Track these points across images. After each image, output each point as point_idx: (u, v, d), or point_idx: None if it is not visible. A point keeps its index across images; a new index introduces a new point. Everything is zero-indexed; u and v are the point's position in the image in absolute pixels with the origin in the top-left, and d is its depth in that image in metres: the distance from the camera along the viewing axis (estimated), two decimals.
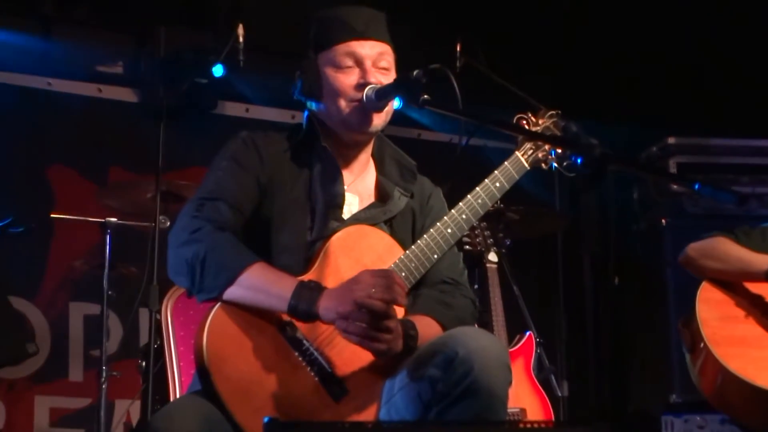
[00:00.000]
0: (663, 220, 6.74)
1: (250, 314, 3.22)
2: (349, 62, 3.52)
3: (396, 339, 3.21)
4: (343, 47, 3.52)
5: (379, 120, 3.53)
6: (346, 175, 3.58)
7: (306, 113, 3.64)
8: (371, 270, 3.24)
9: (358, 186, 3.62)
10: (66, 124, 7.16)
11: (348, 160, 3.61)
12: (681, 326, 4.72)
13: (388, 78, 3.52)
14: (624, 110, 7.45)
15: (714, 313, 4.47)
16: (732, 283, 4.57)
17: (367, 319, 3.14)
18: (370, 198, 3.63)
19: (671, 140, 6.88)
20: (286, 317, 3.23)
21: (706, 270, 4.58)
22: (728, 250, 4.56)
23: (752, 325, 4.45)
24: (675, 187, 6.75)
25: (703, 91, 7.44)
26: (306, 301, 3.17)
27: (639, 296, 6.89)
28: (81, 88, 7.38)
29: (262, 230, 3.44)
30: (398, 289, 3.19)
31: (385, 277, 3.19)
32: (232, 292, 3.21)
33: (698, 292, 4.54)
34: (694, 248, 4.66)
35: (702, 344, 4.38)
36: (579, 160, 3.24)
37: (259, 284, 3.21)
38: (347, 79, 3.51)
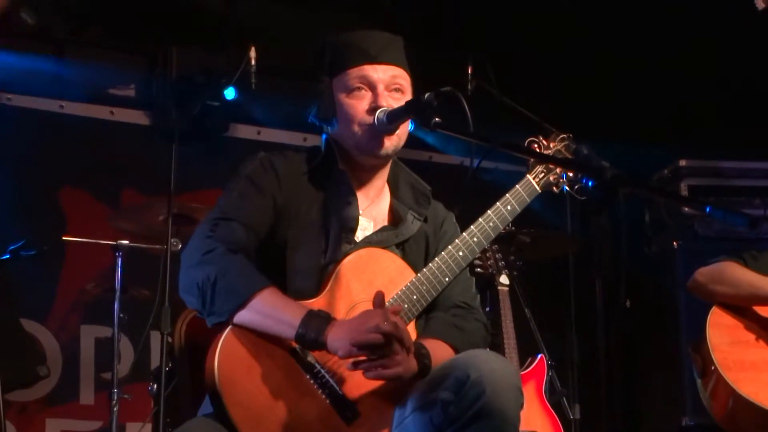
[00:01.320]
0: (674, 243, 6.72)
1: (261, 338, 3.21)
2: (362, 86, 3.52)
3: (410, 358, 3.21)
4: (355, 71, 3.53)
5: (391, 143, 3.52)
6: (362, 199, 3.58)
7: (324, 136, 3.64)
8: (381, 309, 3.21)
9: (373, 211, 3.62)
10: (78, 147, 7.16)
11: (363, 185, 3.61)
12: (692, 351, 4.72)
13: (400, 101, 3.51)
14: (635, 132, 7.44)
15: (725, 338, 4.46)
16: (742, 307, 4.56)
17: (377, 349, 3.14)
18: (384, 222, 3.63)
19: (683, 163, 6.88)
20: (295, 343, 3.23)
21: (715, 295, 4.57)
22: (738, 274, 4.55)
23: (763, 349, 4.44)
24: (686, 209, 6.74)
25: (715, 113, 7.44)
26: (314, 331, 3.16)
27: (651, 319, 6.87)
28: (93, 111, 7.38)
29: (277, 252, 3.44)
30: (404, 328, 3.20)
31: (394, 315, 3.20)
32: (242, 317, 3.20)
33: (708, 317, 4.53)
34: (702, 273, 4.65)
35: (713, 368, 4.37)
36: (590, 183, 3.25)
37: (268, 310, 3.21)
38: (360, 104, 3.51)
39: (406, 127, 3.58)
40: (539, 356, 5.99)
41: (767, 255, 4.67)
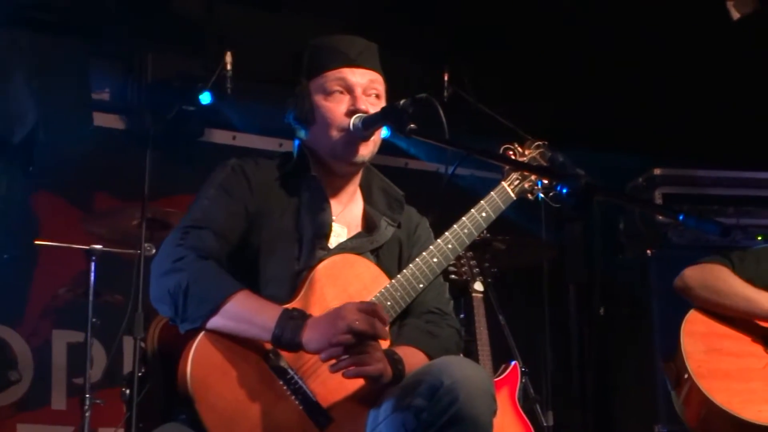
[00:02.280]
0: (648, 251, 6.75)
1: (234, 342, 3.20)
2: (340, 89, 3.52)
3: (382, 361, 3.21)
4: (333, 74, 3.53)
5: (366, 150, 3.53)
6: (335, 205, 3.58)
7: (296, 142, 3.64)
8: (356, 302, 3.22)
9: (346, 216, 3.62)
10: (52, 150, 7.13)
11: (336, 191, 3.61)
12: (664, 362, 4.72)
13: (377, 106, 3.52)
14: (610, 140, 7.46)
15: (699, 346, 4.46)
16: (718, 313, 4.56)
17: (353, 347, 3.13)
18: (357, 228, 3.62)
19: (657, 171, 6.91)
20: (270, 346, 3.21)
21: (704, 301, 4.55)
22: (731, 284, 4.53)
23: (737, 357, 4.44)
24: (660, 218, 6.76)
25: (690, 122, 7.46)
26: (290, 331, 3.14)
27: (624, 326, 6.89)
28: None
29: (250, 259, 3.42)
30: (380, 325, 3.17)
31: (369, 311, 3.17)
32: (215, 322, 3.18)
33: (683, 325, 4.52)
34: (692, 277, 4.62)
35: (687, 377, 4.37)
36: (564, 191, 3.24)
37: (242, 314, 3.19)
38: (337, 107, 3.51)
39: (380, 134, 3.59)
40: (513, 363, 5.99)
41: (752, 256, 4.67)
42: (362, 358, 3.16)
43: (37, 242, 6.35)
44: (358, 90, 3.52)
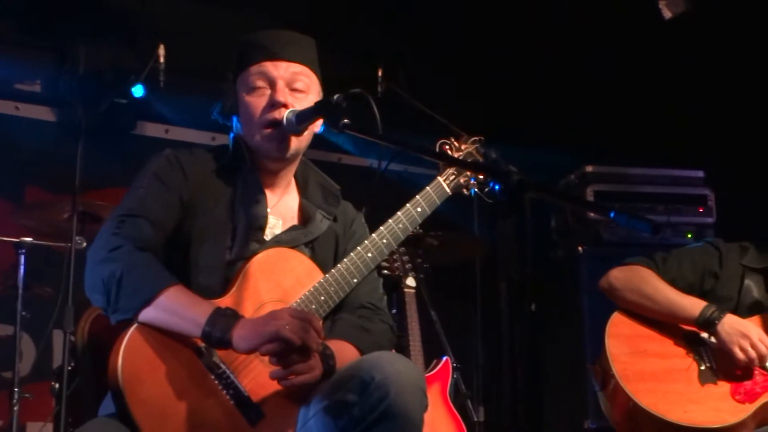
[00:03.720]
0: (580, 248, 6.79)
1: (167, 337, 3.18)
2: (262, 83, 3.53)
3: (314, 369, 3.21)
4: (255, 68, 3.53)
5: (295, 145, 3.53)
6: (270, 196, 3.58)
7: (232, 134, 3.64)
8: (293, 309, 3.22)
9: (282, 208, 3.62)
10: None
11: (272, 182, 3.61)
12: (590, 365, 4.75)
13: (302, 100, 3.52)
14: (543, 138, 7.51)
15: (624, 348, 4.48)
16: (642, 315, 4.60)
17: (281, 354, 3.14)
18: (293, 220, 3.63)
19: (589, 168, 6.96)
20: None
21: (629, 303, 4.58)
22: (657, 287, 4.55)
23: (661, 359, 4.48)
24: (592, 215, 6.81)
25: (622, 120, 7.53)
26: (220, 329, 3.12)
27: (555, 323, 6.93)
28: None
29: (182, 248, 3.41)
30: (314, 335, 3.16)
31: (303, 319, 3.16)
32: (147, 314, 3.16)
33: (607, 328, 4.54)
34: (618, 278, 4.64)
35: (613, 379, 4.40)
36: (497, 187, 3.26)
37: (174, 307, 3.17)
38: (259, 101, 3.52)
39: (313, 128, 3.58)
40: (444, 358, 6.01)
41: (674, 258, 4.71)
42: (297, 368, 3.16)
43: None
44: (280, 83, 3.51)
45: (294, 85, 3.53)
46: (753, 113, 7.11)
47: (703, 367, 4.47)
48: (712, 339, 4.47)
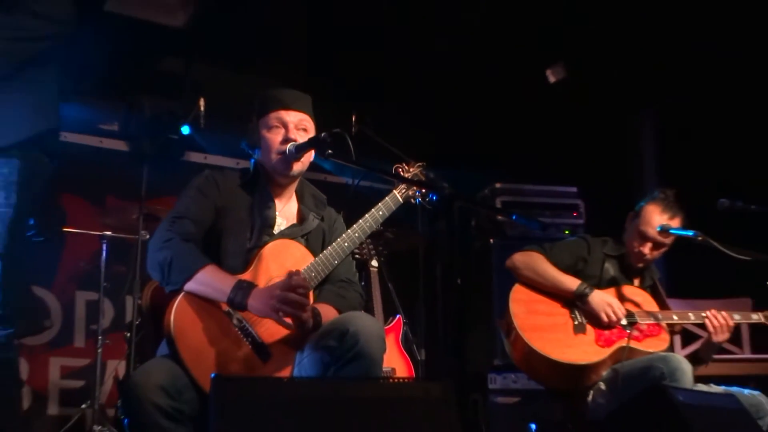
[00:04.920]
0: (491, 241, 6.78)
1: (204, 301, 3.20)
2: (278, 125, 3.53)
3: (310, 314, 3.24)
4: (274, 114, 3.54)
5: (298, 166, 3.54)
6: (278, 203, 3.59)
7: (252, 161, 3.64)
8: (284, 281, 3.24)
9: (286, 212, 3.62)
10: (76, 165, 6.99)
11: (279, 194, 3.61)
12: (498, 320, 4.76)
13: (304, 137, 3.54)
14: (466, 162, 7.50)
15: (522, 308, 4.49)
16: (534, 287, 4.60)
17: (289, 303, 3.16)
18: (293, 220, 3.63)
19: (498, 185, 6.93)
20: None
21: (525, 278, 4.59)
22: (545, 268, 4.56)
23: (548, 316, 4.48)
24: (500, 217, 6.79)
25: (521, 150, 7.54)
26: (240, 297, 3.17)
27: (474, 293, 6.93)
28: (88, 140, 7.26)
29: (216, 239, 3.41)
30: (300, 293, 3.22)
31: (288, 287, 3.20)
32: (190, 286, 3.18)
33: (510, 294, 4.55)
34: (518, 260, 4.64)
35: (514, 330, 4.41)
36: (435, 198, 3.26)
37: (209, 281, 3.19)
38: (276, 137, 3.53)
39: (310, 156, 3.60)
40: (397, 316, 6.00)
41: (558, 246, 4.72)
42: (298, 311, 3.19)
43: (65, 229, 6.23)
44: (291, 125, 3.53)
45: (299, 127, 3.54)
46: (613, 147, 7.18)
47: (576, 322, 4.48)
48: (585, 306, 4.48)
